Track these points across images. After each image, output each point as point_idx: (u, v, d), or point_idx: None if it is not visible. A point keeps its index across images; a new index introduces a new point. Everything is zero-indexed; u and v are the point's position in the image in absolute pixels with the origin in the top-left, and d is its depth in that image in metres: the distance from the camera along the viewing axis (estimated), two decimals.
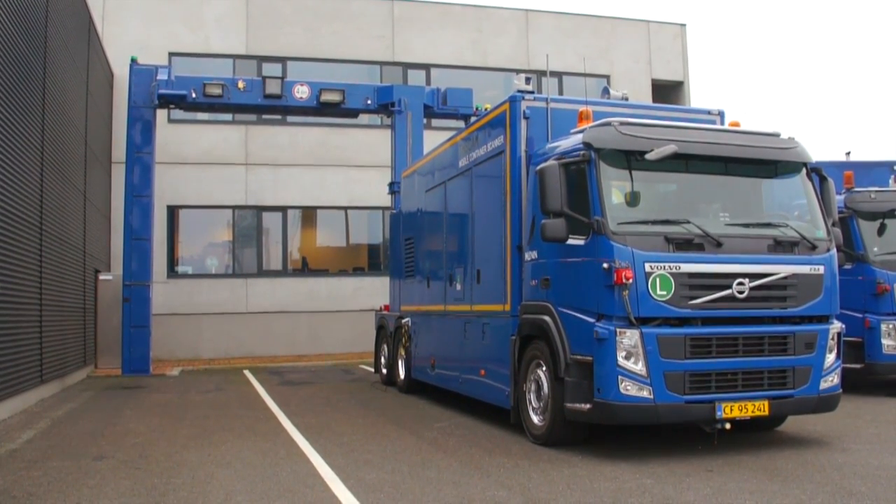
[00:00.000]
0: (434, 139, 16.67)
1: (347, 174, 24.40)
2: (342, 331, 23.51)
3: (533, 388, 9.68)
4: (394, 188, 18.91)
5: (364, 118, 23.39)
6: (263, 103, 19.87)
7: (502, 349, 10.40)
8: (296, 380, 17.44)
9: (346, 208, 24.77)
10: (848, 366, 12.41)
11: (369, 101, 20.34)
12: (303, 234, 25.39)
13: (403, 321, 14.83)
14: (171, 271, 23.43)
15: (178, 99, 19.45)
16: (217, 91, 19.45)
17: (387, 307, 16.94)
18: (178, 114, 22.34)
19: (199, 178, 23.42)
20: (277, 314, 23.60)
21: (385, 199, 20.73)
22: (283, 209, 24.20)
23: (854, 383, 13.00)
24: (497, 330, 10.69)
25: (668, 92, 27.69)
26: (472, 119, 16.50)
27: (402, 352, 14.98)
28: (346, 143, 24.55)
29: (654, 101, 26.18)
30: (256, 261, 24.15)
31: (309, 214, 25.08)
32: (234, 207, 23.94)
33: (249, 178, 23.89)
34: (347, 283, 24.30)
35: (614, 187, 8.94)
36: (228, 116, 23.58)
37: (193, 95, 19.41)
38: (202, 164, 23.52)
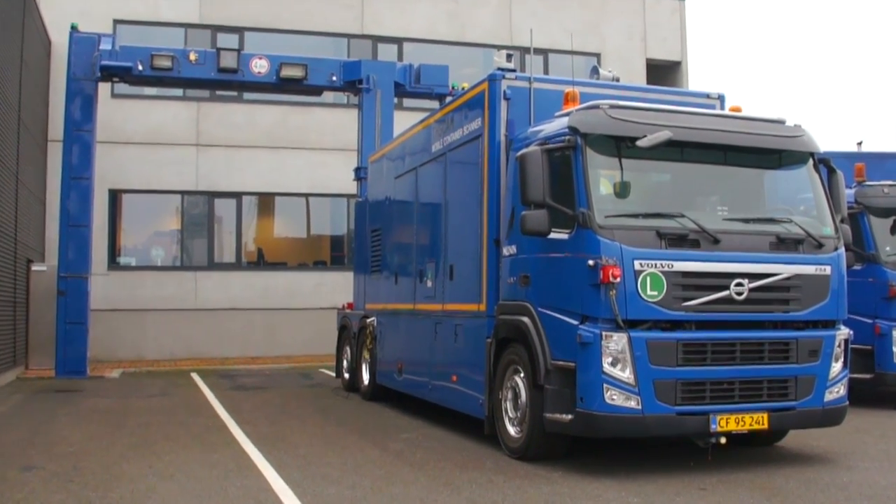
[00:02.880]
0: (405, 121, 16.60)
1: (309, 158, 24.30)
2: (301, 331, 23.42)
3: (509, 396, 9.66)
4: (360, 174, 18.85)
5: (329, 96, 23.27)
6: (217, 78, 19.71)
7: (476, 353, 10.38)
8: (249, 384, 17.36)
9: (307, 195, 24.67)
10: (856, 376, 12.46)
11: (335, 78, 20.25)
12: (259, 223, 25.26)
13: (368, 321, 14.78)
14: (113, 262, 23.22)
15: (122, 71, 19.24)
16: (166, 63, 19.26)
17: (350, 305, 16.88)
18: (122, 88, 22.12)
19: (144, 160, 23.20)
20: (230, 311, 23.46)
21: (350, 186, 20.65)
22: (237, 195, 24.06)
23: (862, 395, 13.09)
24: (471, 332, 10.66)
25: (664, 73, 27.79)
26: (448, 99, 16.50)
27: (367, 355, 14.92)
28: (309, 124, 24.43)
29: (649, 82, 26.25)
30: (207, 252, 24.01)
31: (266, 202, 24.94)
32: (183, 193, 23.76)
33: (201, 160, 23.71)
34: (307, 279, 24.20)
35: (602, 177, 8.94)
36: (179, 92, 23.36)
37: (140, 68, 19.21)
38: (148, 145, 23.30)
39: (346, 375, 16.17)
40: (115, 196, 23.34)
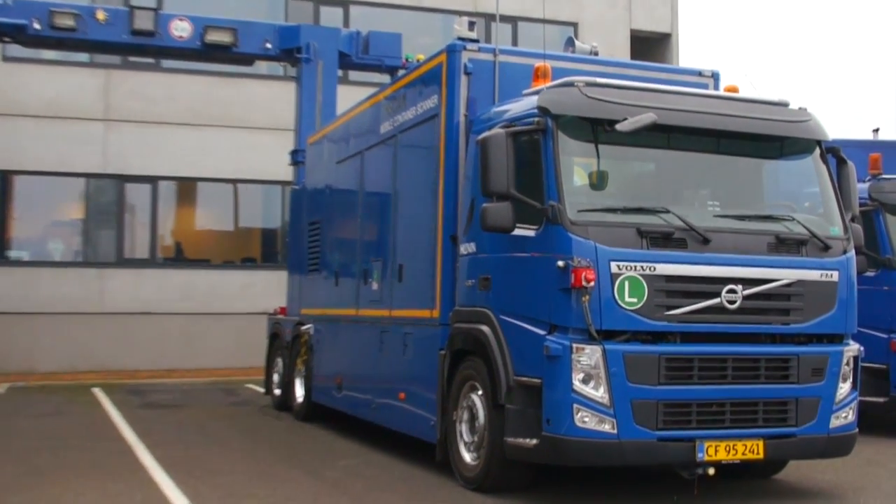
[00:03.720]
0: (351, 96, 16.58)
1: (238, 138, 24.20)
2: (225, 339, 23.32)
3: (465, 417, 9.72)
4: (297, 158, 18.81)
5: (262, 66, 23.18)
6: (130, 41, 19.50)
7: (428, 367, 10.42)
8: (162, 401, 17.29)
9: (235, 181, 24.58)
10: (867, 399, 12.56)
11: (269, 45, 20.14)
12: (178, 212, 25.13)
13: (304, 329, 14.78)
14: (1, 256, 23.02)
15: (14, 30, 18.95)
16: (69, 22, 19.03)
17: (283, 310, 16.86)
18: (15, 50, 21.87)
19: (42, 136, 22.98)
20: (141, 316, 23.31)
21: (286, 172, 20.57)
22: (152, 180, 23.92)
23: (875, 421, 13.22)
24: (422, 342, 10.70)
25: (650, 47, 28.02)
26: (400, 73, 16.49)
27: (301, 368, 14.92)
28: (238, 98, 24.33)
29: (634, 57, 26.43)
30: (116, 246, 23.83)
31: (187, 188, 24.82)
32: (87, 176, 23.59)
33: (110, 138, 23.53)
34: (234, 278, 24.13)
35: (576, 165, 9.00)
36: (84, 57, 23.18)
37: (36, 26, 18.95)
38: (47, 118, 23.08)
39: (277, 392, 16.14)
40: (5, 178, 23.13)
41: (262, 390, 17.51)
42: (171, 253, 24.71)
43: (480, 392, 9.42)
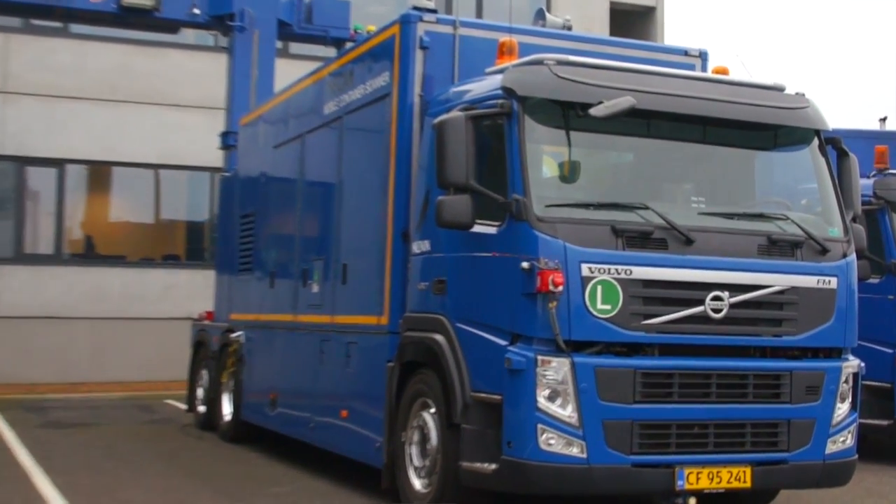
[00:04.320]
0: (291, 72, 16.65)
1: (160, 116, 24.14)
2: (142, 349, 23.23)
3: (416, 438, 9.79)
4: (228, 141, 18.80)
5: (188, 35, 23.13)
6: (33, 1, 19.45)
7: (374, 381, 10.51)
8: (66, 420, 17.22)
9: (156, 167, 24.53)
10: (869, 421, 12.74)
11: (197, 11, 20.06)
12: (89, 201, 25.02)
13: (233, 337, 14.81)
14: None
15: None
16: None
17: (210, 315, 16.86)
18: None
19: None
20: (43, 321, 23.16)
21: (215, 157, 20.55)
22: (58, 163, 23.84)
23: (877, 447, 13.37)
24: (368, 353, 10.80)
25: (632, 22, 28.21)
26: (348, 46, 16.61)
27: (230, 381, 14.96)
28: (161, 71, 24.26)
29: (613, 33, 26.62)
30: (14, 240, 23.71)
31: (100, 173, 24.72)
32: None
33: (8, 113, 23.39)
34: (154, 278, 24.08)
35: (544, 154, 9.10)
36: None
37: None
38: None
39: (202, 408, 16.15)
40: None
41: (183, 407, 17.47)
42: (81, 248, 24.58)
43: (433, 410, 9.49)
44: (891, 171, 14.13)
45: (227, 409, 15.03)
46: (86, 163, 24.27)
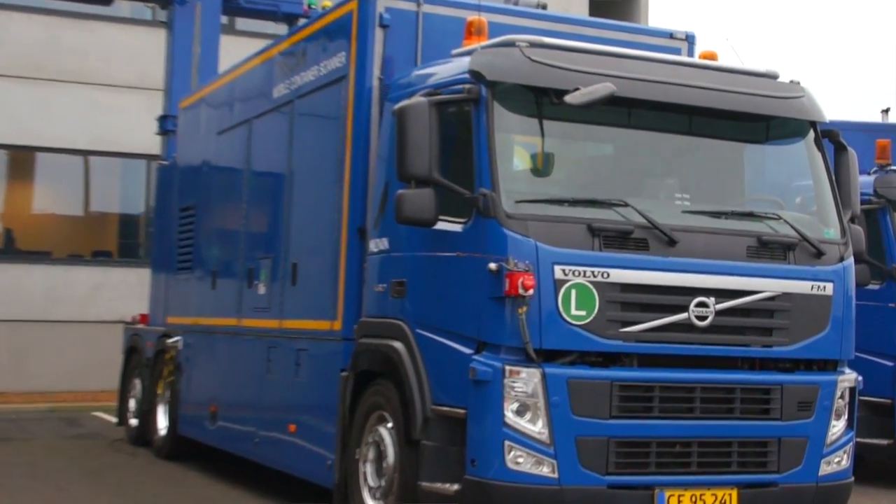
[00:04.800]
0: (237, 50, 16.69)
1: (91, 97, 24.07)
2: (67, 355, 23.14)
3: (371, 455, 9.80)
4: (167, 125, 18.77)
5: (123, 7, 23.09)
6: None
7: (326, 392, 10.54)
8: None
9: (85, 153, 24.49)
10: (866, 441, 12.81)
11: None
12: (9, 191, 24.91)
13: (170, 342, 14.78)
14: None
15: None
16: None
17: (144, 318, 16.82)
18: None
19: None
20: None
21: (152, 143, 20.52)
22: None
23: (875, 468, 13.41)
24: (319, 361, 10.83)
25: (614, 2, 28.28)
26: (301, 23, 16.58)
27: (166, 391, 14.93)
28: (91, 46, 24.20)
29: (593, 13, 26.63)
30: None
31: (21, 160, 24.65)
32: None
33: None
34: (82, 277, 24.02)
35: (515, 144, 9.12)
36: None
37: None
38: None
39: (134, 422, 16.12)
40: None
41: (114, 420, 17.44)
42: (0, 243, 24.50)
43: (390, 424, 9.50)
44: (893, 167, 14.18)
45: (162, 422, 15.00)
46: (5, 147, 24.18)
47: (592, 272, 8.62)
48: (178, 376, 14.52)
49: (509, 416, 8.45)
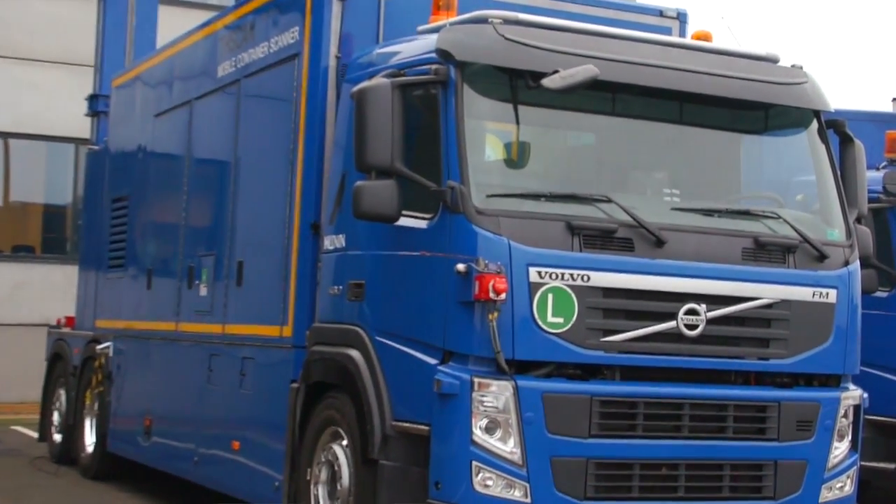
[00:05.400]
0: (177, 23, 16.65)
1: (11, 73, 24.07)
2: None
3: (324, 475, 9.81)
4: (98, 106, 18.70)
5: None
6: None
7: (274, 405, 10.54)
8: None
9: (5, 135, 24.54)
10: (872, 464, 12.78)
11: None
12: None
13: (100, 349, 14.75)
14: None
15: None
16: None
17: (71, 321, 16.77)
18: None
19: None
20: None
21: (81, 125, 20.46)
22: None
23: (882, 495, 13.46)
24: (267, 371, 10.85)
25: None
26: None
27: (94, 403, 14.89)
28: (12, 17, 24.21)
29: None
30: None
31: None
32: None
33: None
34: (1, 275, 23.97)
35: (487, 132, 9.15)
36: None
37: None
38: None
39: (58, 437, 16.06)
40: None
41: (35, 435, 17.40)
42: None
43: (346, 442, 9.50)
44: None
45: (89, 438, 14.95)
46: None
47: (571, 275, 8.63)
48: (108, 387, 14.47)
49: (478, 434, 8.44)
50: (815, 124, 10.00)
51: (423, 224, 8.92)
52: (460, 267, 8.49)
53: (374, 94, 8.81)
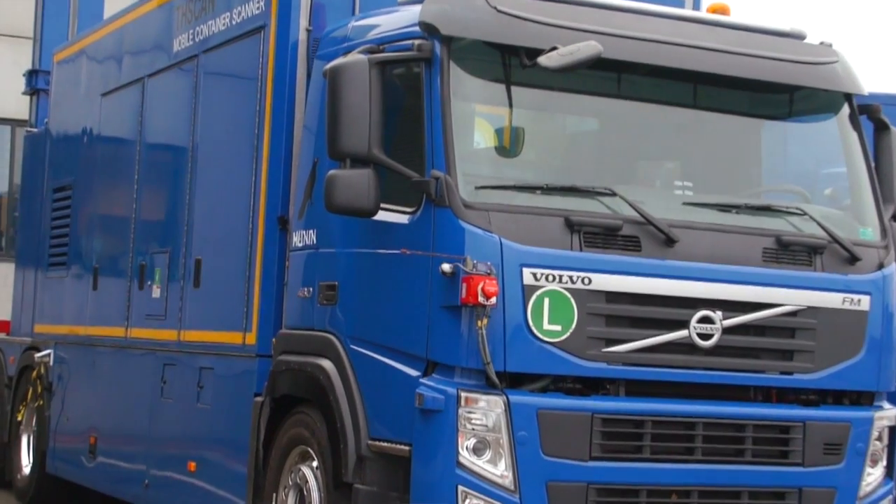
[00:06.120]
0: None
1: None
2: None
3: (291, 501, 9.83)
4: (37, 83, 18.72)
5: None
6: None
7: (235, 422, 10.58)
8: None
9: None
10: None
11: None
12: None
13: (38, 357, 14.76)
14: None
15: None
16: None
17: (5, 326, 16.75)
18: None
19: None
20: None
21: (17, 104, 20.52)
22: None
23: None
24: (228, 383, 10.89)
25: None
26: None
27: (31, 419, 14.90)
28: None
29: None
30: None
31: None
32: None
33: None
34: None
35: (477, 116, 9.18)
36: None
37: None
38: None
39: None
40: None
41: None
42: None
43: (316, 463, 9.52)
44: None
45: (26, 458, 14.97)
46: None
47: (570, 277, 8.62)
48: (48, 400, 14.46)
49: (464, 455, 8.44)
50: (846, 109, 10.01)
51: (403, 219, 8.92)
52: (446, 267, 8.47)
53: (349, 73, 8.77)
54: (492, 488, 8.45)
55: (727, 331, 8.98)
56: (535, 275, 8.54)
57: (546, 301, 8.55)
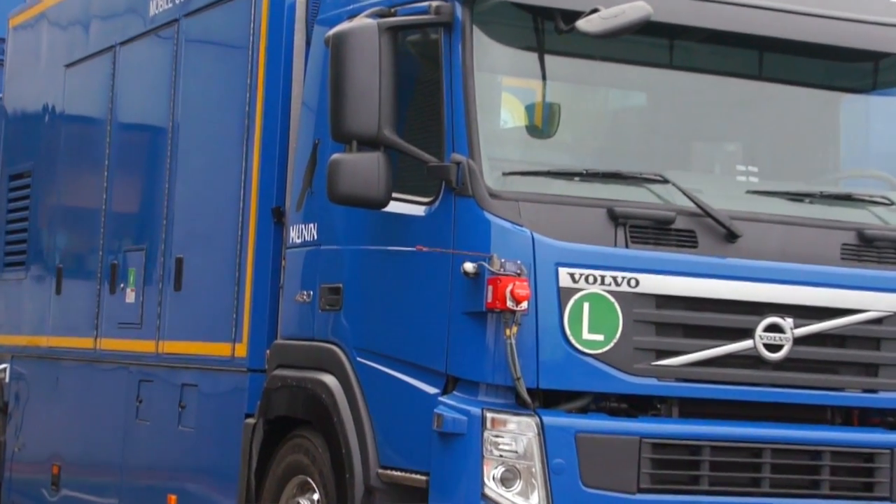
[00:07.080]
0: None
1: None
2: None
3: None
4: None
5: None
6: None
7: (223, 448, 10.63)
8: None
9: None
10: None
11: None
12: None
13: None
14: None
15: None
16: None
17: None
18: None
19: None
20: None
21: None
22: None
23: None
24: (214, 402, 10.96)
25: None
26: None
27: None
28: None
29: None
30: None
31: None
32: None
33: None
34: None
35: (504, 91, 9.22)
36: None
37: None
38: None
39: None
40: None
41: None
42: None
43: (317, 496, 9.58)
44: None
45: None
46: None
47: (614, 278, 8.62)
48: (3, 423, 14.51)
49: (490, 486, 8.41)
50: None
51: (419, 211, 8.96)
52: (468, 267, 8.45)
53: (355, 40, 8.74)
54: None
55: (799, 341, 8.97)
56: (572, 276, 8.52)
57: (586, 306, 8.54)
